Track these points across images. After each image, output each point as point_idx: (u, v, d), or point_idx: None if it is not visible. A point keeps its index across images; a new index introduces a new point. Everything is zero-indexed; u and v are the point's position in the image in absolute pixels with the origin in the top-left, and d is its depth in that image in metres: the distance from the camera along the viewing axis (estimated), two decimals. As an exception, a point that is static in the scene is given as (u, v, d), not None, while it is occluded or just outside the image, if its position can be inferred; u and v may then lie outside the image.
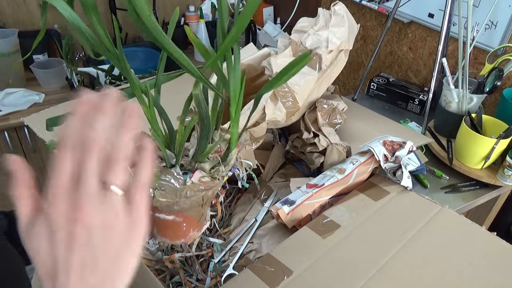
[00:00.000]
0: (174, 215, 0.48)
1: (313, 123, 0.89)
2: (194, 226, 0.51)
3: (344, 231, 0.67)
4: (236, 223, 0.82)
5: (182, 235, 0.50)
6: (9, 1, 1.67)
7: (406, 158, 0.77)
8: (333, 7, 0.88)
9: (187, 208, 0.47)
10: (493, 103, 1.29)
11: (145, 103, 0.44)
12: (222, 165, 0.50)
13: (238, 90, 0.45)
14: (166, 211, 0.47)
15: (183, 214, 0.48)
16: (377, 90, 1.47)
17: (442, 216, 0.69)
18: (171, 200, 0.46)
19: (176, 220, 0.48)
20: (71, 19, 0.38)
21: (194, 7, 2.00)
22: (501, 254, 0.63)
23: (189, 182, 0.47)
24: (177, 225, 0.49)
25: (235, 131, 0.47)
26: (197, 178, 0.48)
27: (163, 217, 0.48)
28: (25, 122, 0.90)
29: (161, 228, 0.50)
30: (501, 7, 1.16)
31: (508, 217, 1.30)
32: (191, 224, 0.50)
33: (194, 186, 0.47)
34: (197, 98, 0.46)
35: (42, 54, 1.72)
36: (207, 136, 0.48)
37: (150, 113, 0.45)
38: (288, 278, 0.58)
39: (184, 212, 0.48)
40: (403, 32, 1.52)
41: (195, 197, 0.47)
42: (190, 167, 0.50)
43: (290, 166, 0.98)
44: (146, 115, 0.45)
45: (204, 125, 0.47)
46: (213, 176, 0.49)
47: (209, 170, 0.50)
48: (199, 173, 0.48)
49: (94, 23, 0.39)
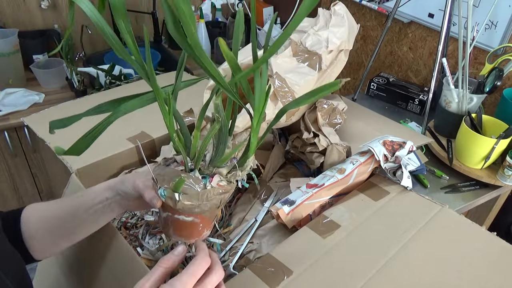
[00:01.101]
0: (193, 216, 0.50)
1: (313, 123, 0.89)
2: (208, 225, 0.54)
3: (344, 231, 0.67)
4: (236, 223, 0.82)
5: (197, 234, 0.53)
6: (9, 1, 1.67)
7: (406, 158, 0.77)
8: (333, 7, 0.88)
9: (206, 210, 0.50)
10: (493, 103, 1.29)
11: (166, 110, 0.46)
12: (239, 170, 0.52)
13: (262, 102, 0.46)
14: (186, 213, 0.50)
15: (201, 216, 0.51)
16: (377, 90, 1.47)
17: (442, 216, 0.69)
18: (194, 203, 0.48)
19: (194, 221, 0.51)
20: (96, 21, 0.39)
21: (194, 7, 2.00)
22: (501, 254, 0.63)
23: (209, 186, 0.49)
24: (194, 226, 0.52)
25: (254, 140, 0.50)
26: (216, 182, 0.50)
27: (182, 219, 0.51)
28: (25, 122, 0.90)
29: (178, 228, 0.53)
30: (501, 7, 1.16)
31: (508, 217, 1.30)
32: (207, 224, 0.53)
33: (214, 189, 0.49)
34: (217, 107, 0.48)
35: (42, 54, 1.72)
36: (225, 142, 0.51)
37: (169, 120, 0.47)
38: (288, 278, 0.58)
39: (202, 214, 0.51)
40: (403, 32, 1.52)
41: (215, 200, 0.49)
42: (208, 171, 0.52)
43: (290, 166, 0.98)
44: (165, 121, 0.47)
45: (222, 133, 0.50)
46: (229, 180, 0.52)
47: (225, 175, 0.52)
48: (217, 177, 0.51)
49: (122, 30, 0.40)
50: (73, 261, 0.70)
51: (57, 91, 1.64)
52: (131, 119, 0.54)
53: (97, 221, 0.59)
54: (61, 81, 1.64)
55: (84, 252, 0.68)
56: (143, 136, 0.85)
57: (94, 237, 0.61)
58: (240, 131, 0.78)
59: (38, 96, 1.56)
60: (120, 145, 0.84)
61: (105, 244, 0.63)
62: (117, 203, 0.57)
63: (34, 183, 1.71)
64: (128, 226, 0.82)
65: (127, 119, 0.54)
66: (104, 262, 0.64)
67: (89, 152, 0.46)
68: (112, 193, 0.57)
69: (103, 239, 0.64)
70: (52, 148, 0.81)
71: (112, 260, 0.63)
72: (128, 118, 0.54)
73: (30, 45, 1.68)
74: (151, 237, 0.77)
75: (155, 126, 0.88)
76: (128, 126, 0.88)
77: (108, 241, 0.63)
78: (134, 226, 0.82)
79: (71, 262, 0.70)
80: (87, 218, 0.57)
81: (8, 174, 1.62)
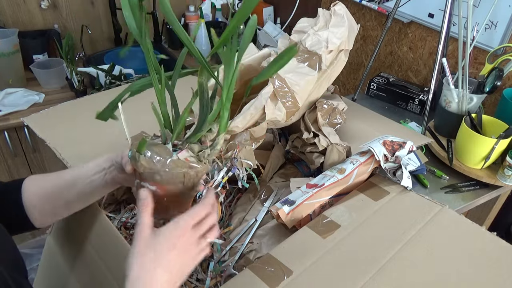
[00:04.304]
0: (157, 186, 0.50)
1: (313, 123, 0.89)
2: (175, 204, 0.54)
3: (344, 231, 0.67)
4: (236, 223, 0.82)
5: (163, 210, 0.53)
6: (9, 1, 1.67)
7: (406, 158, 0.77)
8: (333, 7, 0.88)
9: (169, 180, 0.50)
10: (493, 103, 1.29)
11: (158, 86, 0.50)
12: (209, 148, 0.52)
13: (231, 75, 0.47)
14: (150, 181, 0.50)
15: (165, 188, 0.51)
16: (377, 90, 1.47)
17: (442, 216, 0.69)
18: (154, 168, 0.48)
19: (157, 192, 0.51)
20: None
21: (194, 7, 1.99)
22: (501, 254, 0.63)
23: (175, 158, 0.49)
24: (158, 198, 0.51)
25: (224, 115, 0.50)
26: (183, 156, 0.50)
27: (146, 186, 0.51)
28: (25, 122, 0.90)
29: None
30: (501, 7, 1.16)
31: (508, 217, 1.30)
32: (173, 201, 0.53)
33: (178, 161, 0.49)
34: (201, 86, 0.50)
35: (42, 54, 1.72)
36: (204, 121, 0.51)
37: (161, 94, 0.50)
38: (288, 278, 0.58)
39: (165, 186, 0.50)
40: (403, 32, 1.52)
41: (176, 171, 0.49)
42: (181, 146, 0.52)
43: (290, 166, 0.98)
44: (157, 95, 0.50)
45: (203, 112, 0.51)
46: (200, 158, 0.52)
47: (197, 152, 0.52)
48: (186, 152, 0.51)
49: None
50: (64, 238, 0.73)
51: (57, 91, 1.64)
52: (131, 119, 0.54)
53: (94, 192, 0.61)
54: (61, 81, 1.64)
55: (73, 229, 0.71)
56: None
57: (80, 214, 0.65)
58: (240, 131, 0.78)
59: (38, 96, 1.56)
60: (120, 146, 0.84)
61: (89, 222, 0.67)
62: (111, 175, 0.59)
63: (34, 183, 1.71)
64: (128, 226, 0.82)
65: (127, 119, 0.54)
66: (88, 239, 0.67)
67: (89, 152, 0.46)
68: (109, 163, 0.59)
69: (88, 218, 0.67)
70: (52, 148, 0.81)
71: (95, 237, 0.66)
72: (128, 118, 0.54)
73: (30, 45, 1.68)
74: (151, 237, 0.77)
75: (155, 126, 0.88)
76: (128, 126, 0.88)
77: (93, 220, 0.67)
78: (134, 226, 0.82)
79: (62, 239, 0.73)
80: (85, 188, 0.60)
81: (8, 174, 1.62)
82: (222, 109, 0.50)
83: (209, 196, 0.53)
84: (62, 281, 0.69)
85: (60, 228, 0.73)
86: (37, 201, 0.61)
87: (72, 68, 1.54)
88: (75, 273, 0.68)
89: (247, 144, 0.79)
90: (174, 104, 0.52)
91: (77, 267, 0.68)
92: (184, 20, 2.02)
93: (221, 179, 0.75)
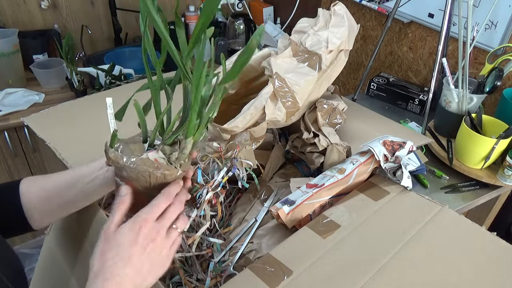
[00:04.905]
0: (125, 182, 0.51)
1: (313, 123, 0.89)
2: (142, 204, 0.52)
3: (344, 231, 0.67)
4: (236, 223, 0.82)
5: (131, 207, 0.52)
6: (9, 1, 1.67)
7: (406, 158, 0.77)
8: (333, 7, 0.88)
9: (134, 178, 0.49)
10: (493, 103, 1.29)
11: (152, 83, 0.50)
12: (177, 150, 0.52)
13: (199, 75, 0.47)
14: (120, 176, 0.51)
15: (132, 185, 0.51)
16: (377, 90, 1.47)
17: (442, 216, 0.69)
18: (120, 163, 0.48)
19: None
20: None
21: (194, 7, 2.00)
22: (501, 254, 0.63)
23: (144, 156, 0.49)
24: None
25: (192, 118, 0.49)
26: (153, 156, 0.50)
27: (118, 181, 0.51)
28: (25, 122, 0.90)
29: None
30: (501, 7, 1.16)
31: (508, 217, 1.30)
32: (139, 200, 0.52)
33: (146, 160, 0.49)
34: (186, 88, 0.49)
35: (42, 54, 1.72)
36: (183, 124, 0.51)
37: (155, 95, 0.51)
38: (288, 278, 0.58)
39: (132, 182, 0.50)
40: (403, 32, 1.52)
41: (142, 170, 0.49)
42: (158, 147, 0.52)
43: (290, 166, 0.98)
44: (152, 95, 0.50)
45: (184, 115, 0.50)
46: (170, 161, 0.51)
47: (168, 155, 0.52)
48: (155, 152, 0.50)
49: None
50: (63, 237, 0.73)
51: (57, 91, 1.64)
52: (131, 119, 0.54)
53: (95, 191, 0.61)
54: (61, 81, 1.64)
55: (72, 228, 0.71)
56: (143, 136, 0.85)
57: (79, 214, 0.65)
58: (240, 131, 0.78)
59: (38, 96, 1.56)
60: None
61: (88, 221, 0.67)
62: (106, 176, 0.59)
63: (34, 183, 1.71)
64: (128, 226, 0.82)
65: (127, 119, 0.54)
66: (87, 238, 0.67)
67: (89, 152, 0.46)
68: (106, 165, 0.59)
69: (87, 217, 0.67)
70: (52, 148, 0.81)
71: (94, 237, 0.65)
72: (128, 118, 0.54)
73: (30, 45, 1.68)
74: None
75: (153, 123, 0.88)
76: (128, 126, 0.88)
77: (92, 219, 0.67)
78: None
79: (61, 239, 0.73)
80: (86, 187, 0.60)
81: (8, 174, 1.62)
82: (190, 111, 0.49)
83: (171, 186, 0.51)
84: (61, 281, 0.69)
85: (58, 228, 0.73)
86: (37, 201, 0.61)
87: (72, 68, 1.54)
88: (74, 273, 0.68)
89: (247, 144, 0.79)
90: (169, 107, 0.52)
91: (77, 266, 0.68)
92: (184, 20, 2.02)
93: (221, 179, 0.75)
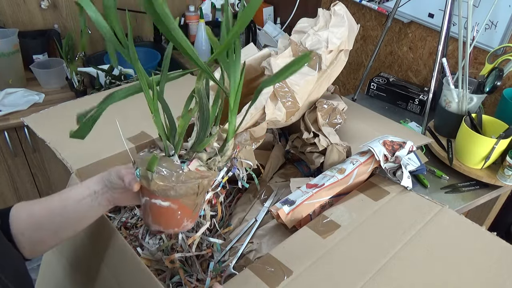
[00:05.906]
0: (170, 201, 0.49)
1: (313, 123, 0.89)
2: (188, 215, 0.52)
3: (344, 231, 0.67)
4: (236, 223, 0.82)
5: (176, 223, 0.52)
6: (9, 1, 1.67)
7: (406, 158, 0.77)
8: (333, 7, 0.88)
9: (183, 194, 0.49)
10: (493, 103, 1.29)
11: (150, 96, 0.47)
12: (219, 155, 0.52)
13: (238, 81, 0.47)
14: (162, 197, 0.49)
15: (179, 202, 0.50)
16: (377, 90, 1.47)
17: (442, 216, 0.69)
18: (168, 184, 0.47)
19: (171, 207, 0.50)
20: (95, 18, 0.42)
21: (194, 7, 2.00)
22: (501, 254, 0.63)
23: (186, 170, 0.48)
24: (171, 213, 0.50)
25: (233, 121, 0.49)
26: (194, 166, 0.49)
27: (159, 203, 0.49)
28: (25, 122, 0.90)
29: (156, 215, 0.52)
30: (501, 7, 1.16)
31: (508, 217, 1.30)
32: (186, 212, 0.51)
33: (190, 173, 0.48)
34: (200, 91, 0.48)
35: (42, 54, 1.72)
36: (206, 128, 0.50)
37: (154, 106, 0.48)
38: (288, 278, 0.58)
39: (179, 199, 0.49)
40: (403, 32, 1.52)
41: (191, 183, 0.48)
42: (188, 156, 0.51)
43: (290, 166, 0.98)
44: (149, 106, 0.48)
45: (203, 118, 0.49)
46: (210, 166, 0.51)
47: (206, 160, 0.51)
48: (196, 162, 0.50)
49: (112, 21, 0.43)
50: (74, 261, 0.70)
51: (57, 91, 1.64)
52: (131, 119, 0.54)
53: (85, 217, 0.58)
54: (61, 81, 1.64)
55: (85, 251, 0.68)
56: (143, 136, 0.85)
57: (93, 236, 0.61)
58: (240, 131, 0.78)
59: (38, 96, 1.56)
60: (120, 145, 0.84)
61: (104, 243, 0.64)
62: (104, 197, 0.57)
63: (34, 183, 1.71)
64: (128, 226, 0.82)
65: (127, 119, 0.54)
66: (104, 261, 0.64)
67: (89, 152, 0.46)
68: (100, 185, 0.57)
69: (102, 238, 0.64)
70: (52, 148, 0.81)
71: (111, 260, 0.63)
72: (128, 118, 0.54)
73: (30, 45, 1.68)
74: (151, 237, 0.77)
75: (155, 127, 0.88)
76: (128, 126, 0.88)
77: (107, 241, 0.63)
78: (134, 226, 0.82)
79: (72, 262, 0.70)
80: (76, 212, 0.57)
81: (8, 174, 1.62)
82: (230, 115, 0.49)
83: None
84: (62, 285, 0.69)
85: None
86: (25, 228, 0.57)
87: (72, 68, 1.54)
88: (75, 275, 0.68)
89: (247, 144, 0.79)
90: (167, 112, 0.50)
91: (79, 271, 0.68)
92: (184, 20, 2.02)
93: (221, 179, 0.75)
